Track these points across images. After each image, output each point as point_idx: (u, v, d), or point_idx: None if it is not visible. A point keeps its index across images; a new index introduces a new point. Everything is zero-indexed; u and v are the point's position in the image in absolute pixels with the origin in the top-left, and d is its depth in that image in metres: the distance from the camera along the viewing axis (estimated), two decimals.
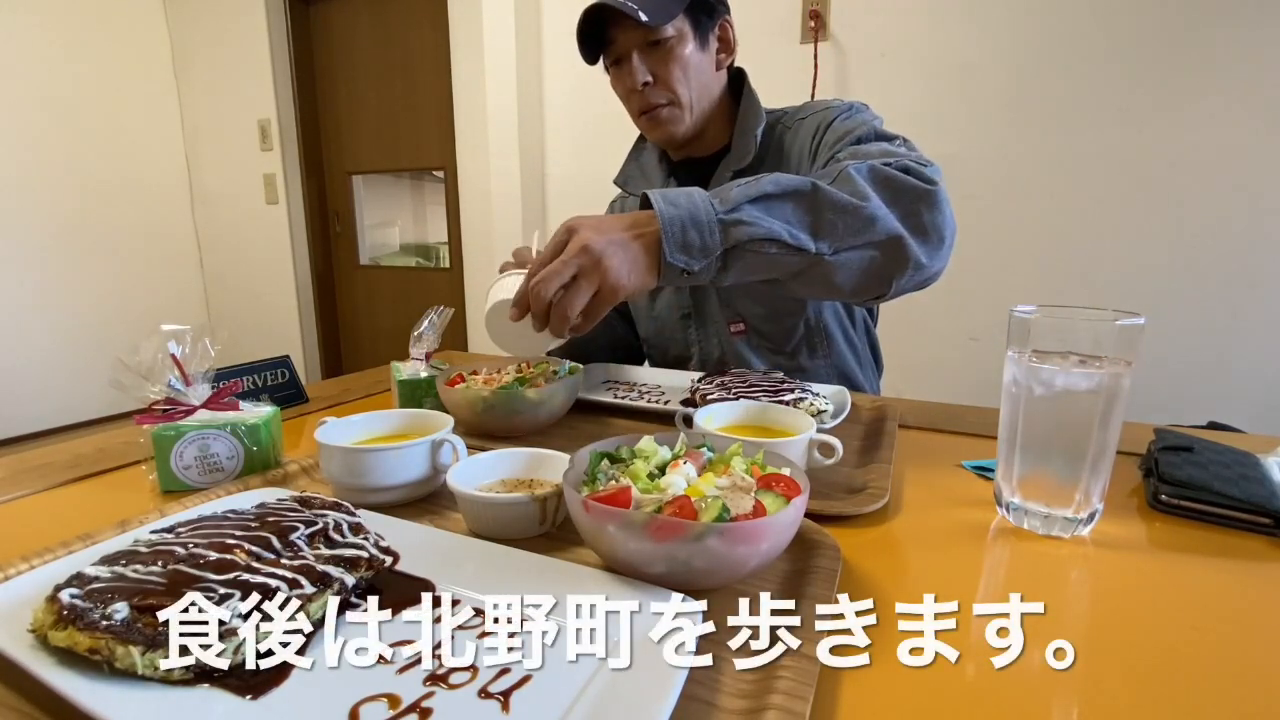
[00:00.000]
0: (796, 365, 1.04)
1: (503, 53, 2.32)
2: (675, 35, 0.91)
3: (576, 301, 0.62)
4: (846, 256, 0.70)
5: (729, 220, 0.65)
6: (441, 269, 3.13)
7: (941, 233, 0.73)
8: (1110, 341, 0.52)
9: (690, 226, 0.65)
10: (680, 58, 0.93)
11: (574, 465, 0.49)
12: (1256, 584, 0.48)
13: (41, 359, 3.08)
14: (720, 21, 0.97)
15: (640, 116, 0.98)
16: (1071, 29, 1.70)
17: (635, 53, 0.92)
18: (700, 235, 0.65)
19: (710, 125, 1.01)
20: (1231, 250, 1.64)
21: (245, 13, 3.10)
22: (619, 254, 0.63)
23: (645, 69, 0.92)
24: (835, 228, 0.68)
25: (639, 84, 0.93)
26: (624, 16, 0.88)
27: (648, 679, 0.33)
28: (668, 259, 0.64)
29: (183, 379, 0.64)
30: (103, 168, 3.20)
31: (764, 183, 0.68)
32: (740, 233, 0.66)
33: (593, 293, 0.63)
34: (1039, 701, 0.36)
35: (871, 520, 0.57)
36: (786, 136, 0.99)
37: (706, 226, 0.65)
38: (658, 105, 0.95)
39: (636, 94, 0.95)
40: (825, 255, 0.69)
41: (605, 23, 0.91)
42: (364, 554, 0.42)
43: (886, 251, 0.71)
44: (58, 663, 0.33)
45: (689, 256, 0.65)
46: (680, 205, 0.66)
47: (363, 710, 0.32)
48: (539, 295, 0.62)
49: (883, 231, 0.70)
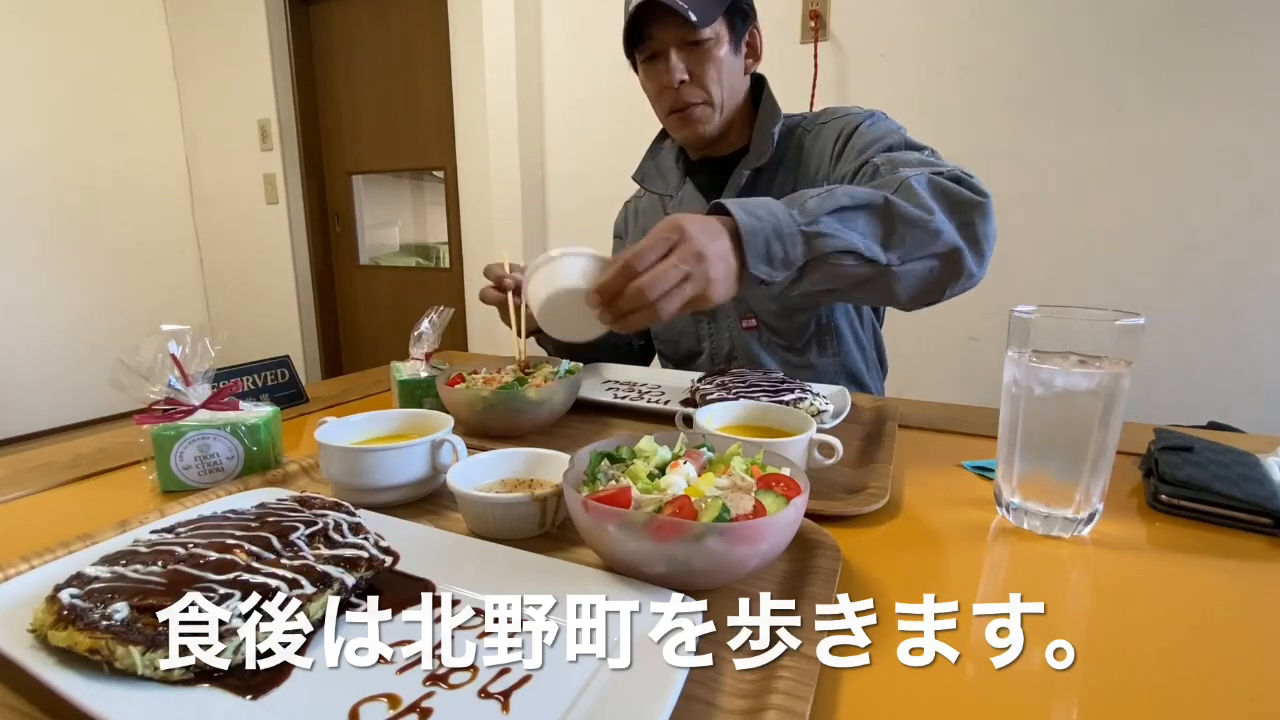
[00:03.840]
0: (806, 362, 1.05)
1: (503, 53, 2.32)
2: (713, 37, 0.93)
3: (674, 306, 0.61)
4: (911, 267, 0.71)
5: (811, 232, 0.66)
6: (441, 269, 3.13)
7: (989, 243, 0.75)
8: (1110, 341, 0.52)
9: (774, 238, 0.65)
10: (716, 59, 0.94)
11: (574, 465, 0.49)
12: (1256, 584, 0.48)
13: (41, 359, 3.07)
14: (751, 28, 0.99)
15: (670, 114, 0.99)
16: (1071, 28, 1.70)
17: (673, 51, 0.93)
18: (784, 247, 0.66)
19: (731, 126, 1.02)
20: (1231, 250, 1.64)
21: (245, 13, 3.10)
22: (722, 264, 0.63)
23: (683, 67, 0.94)
24: (904, 240, 0.70)
25: (675, 81, 0.94)
26: (666, 14, 0.89)
27: (648, 679, 0.33)
28: (751, 270, 0.65)
29: (183, 379, 0.64)
30: (103, 168, 3.20)
31: (839, 195, 0.69)
32: (822, 244, 0.66)
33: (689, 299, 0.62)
34: (1039, 701, 0.36)
35: (871, 520, 0.57)
36: (806, 140, 1.01)
37: (789, 238, 0.66)
38: (691, 104, 0.96)
39: (670, 91, 0.96)
40: (894, 266, 0.70)
41: (644, 20, 0.92)
42: (364, 554, 0.42)
43: (945, 262, 0.73)
44: (58, 663, 0.33)
45: (771, 268, 0.66)
46: (762, 217, 0.65)
47: (363, 710, 0.32)
48: (641, 294, 0.60)
49: (945, 244, 0.71)
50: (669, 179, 1.10)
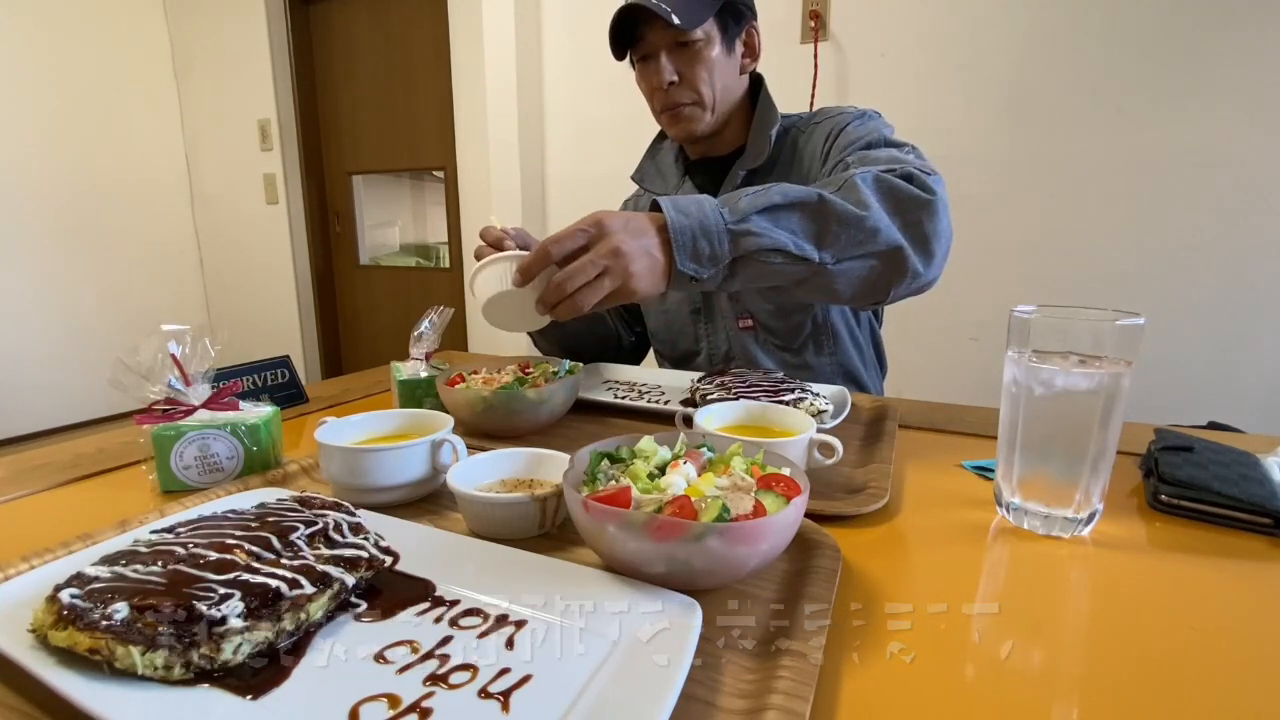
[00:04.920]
0: (803, 362, 1.05)
1: (503, 52, 2.32)
2: (703, 38, 0.93)
3: (593, 298, 0.64)
4: (848, 265, 0.71)
5: (738, 230, 0.67)
6: (441, 269, 3.13)
7: (939, 243, 0.74)
8: (1110, 341, 0.52)
9: (700, 235, 0.66)
10: (706, 60, 0.94)
11: (574, 465, 0.49)
12: (1256, 584, 0.48)
13: (41, 359, 3.07)
14: (747, 27, 0.99)
15: (662, 113, 1.00)
16: (1071, 29, 1.70)
17: (663, 52, 0.94)
18: (710, 244, 0.66)
19: (728, 126, 1.02)
20: (1231, 250, 1.64)
21: (245, 13, 3.10)
22: (643, 259, 0.65)
23: (672, 68, 0.94)
24: (839, 238, 0.69)
25: (665, 82, 0.94)
26: (656, 16, 0.89)
27: (647, 679, 0.33)
28: (678, 267, 0.66)
29: (183, 379, 0.64)
30: (103, 168, 3.20)
31: (772, 193, 0.69)
32: (748, 243, 0.67)
33: (610, 292, 0.64)
34: (1038, 701, 0.36)
35: (871, 520, 0.57)
36: (801, 140, 1.01)
37: (716, 236, 0.66)
38: (681, 104, 0.97)
39: (661, 91, 0.96)
40: (828, 265, 0.70)
41: (636, 21, 0.93)
42: (364, 554, 0.42)
43: (887, 261, 0.72)
44: (58, 663, 0.33)
45: (699, 265, 0.67)
46: (691, 214, 0.66)
47: (363, 710, 0.32)
48: (561, 287, 0.63)
49: (884, 242, 0.71)
50: (668, 179, 1.10)
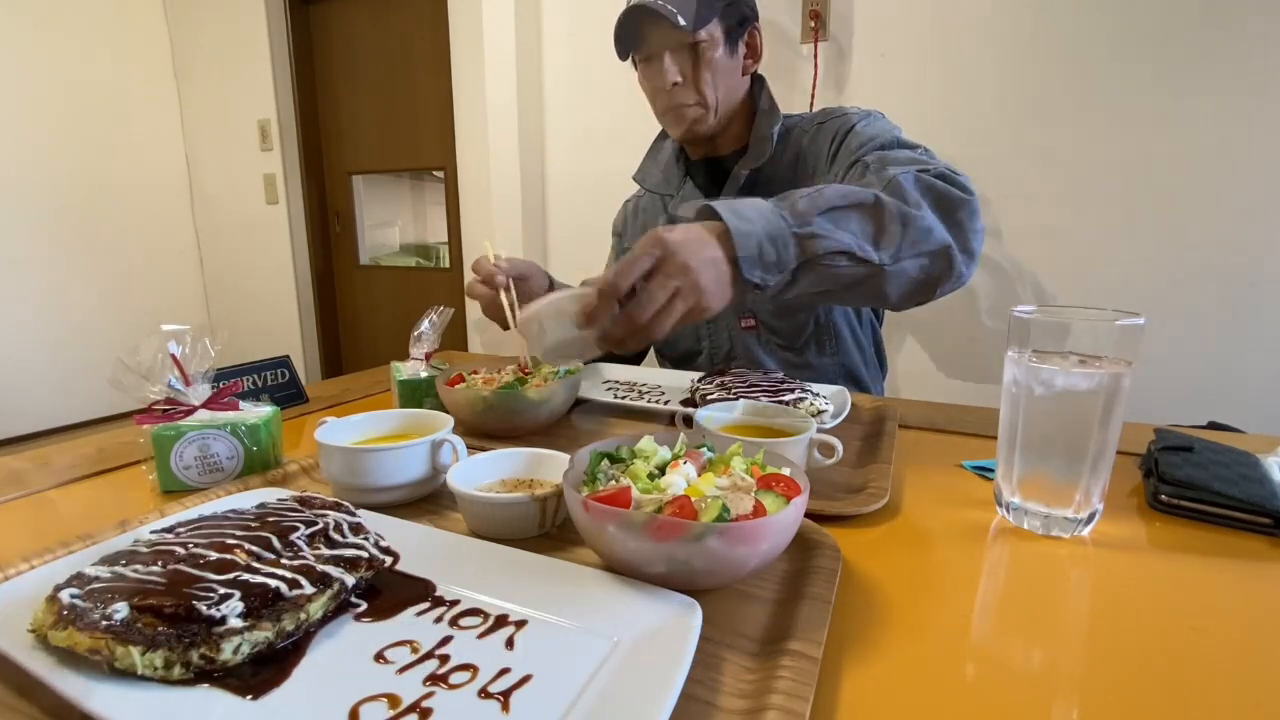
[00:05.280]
0: (805, 362, 1.05)
1: (503, 53, 2.31)
2: (707, 40, 0.93)
3: (668, 323, 0.59)
4: (903, 266, 0.70)
5: (804, 234, 0.64)
6: (441, 269, 3.12)
7: (979, 241, 0.74)
8: (1110, 341, 0.52)
9: (767, 242, 0.63)
10: (710, 61, 0.94)
11: (574, 465, 0.49)
12: (1256, 584, 0.48)
13: (41, 359, 3.07)
14: (749, 29, 0.99)
15: (665, 114, 1.00)
16: (1071, 29, 1.70)
17: (667, 53, 0.94)
18: (776, 250, 0.63)
19: (730, 126, 1.03)
20: (1231, 250, 1.64)
21: (245, 13, 3.10)
22: (710, 271, 0.61)
23: (676, 69, 0.94)
24: (896, 239, 0.69)
25: (669, 84, 0.95)
26: (661, 17, 0.89)
27: (647, 679, 0.33)
28: (745, 275, 0.62)
29: (183, 379, 0.64)
30: (103, 168, 3.20)
31: (829, 194, 0.67)
32: (815, 246, 0.64)
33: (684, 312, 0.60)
34: (1039, 701, 0.36)
35: (871, 520, 0.57)
36: (804, 141, 1.01)
37: (782, 241, 0.64)
38: (684, 105, 0.97)
39: (664, 92, 0.97)
40: (886, 266, 0.69)
41: (640, 22, 0.93)
42: (364, 554, 0.42)
43: (936, 260, 0.72)
44: (58, 663, 0.33)
45: (765, 272, 0.64)
46: (753, 220, 0.63)
47: (363, 710, 0.32)
48: (633, 318, 0.59)
49: (936, 241, 0.71)
50: (669, 179, 1.10)
